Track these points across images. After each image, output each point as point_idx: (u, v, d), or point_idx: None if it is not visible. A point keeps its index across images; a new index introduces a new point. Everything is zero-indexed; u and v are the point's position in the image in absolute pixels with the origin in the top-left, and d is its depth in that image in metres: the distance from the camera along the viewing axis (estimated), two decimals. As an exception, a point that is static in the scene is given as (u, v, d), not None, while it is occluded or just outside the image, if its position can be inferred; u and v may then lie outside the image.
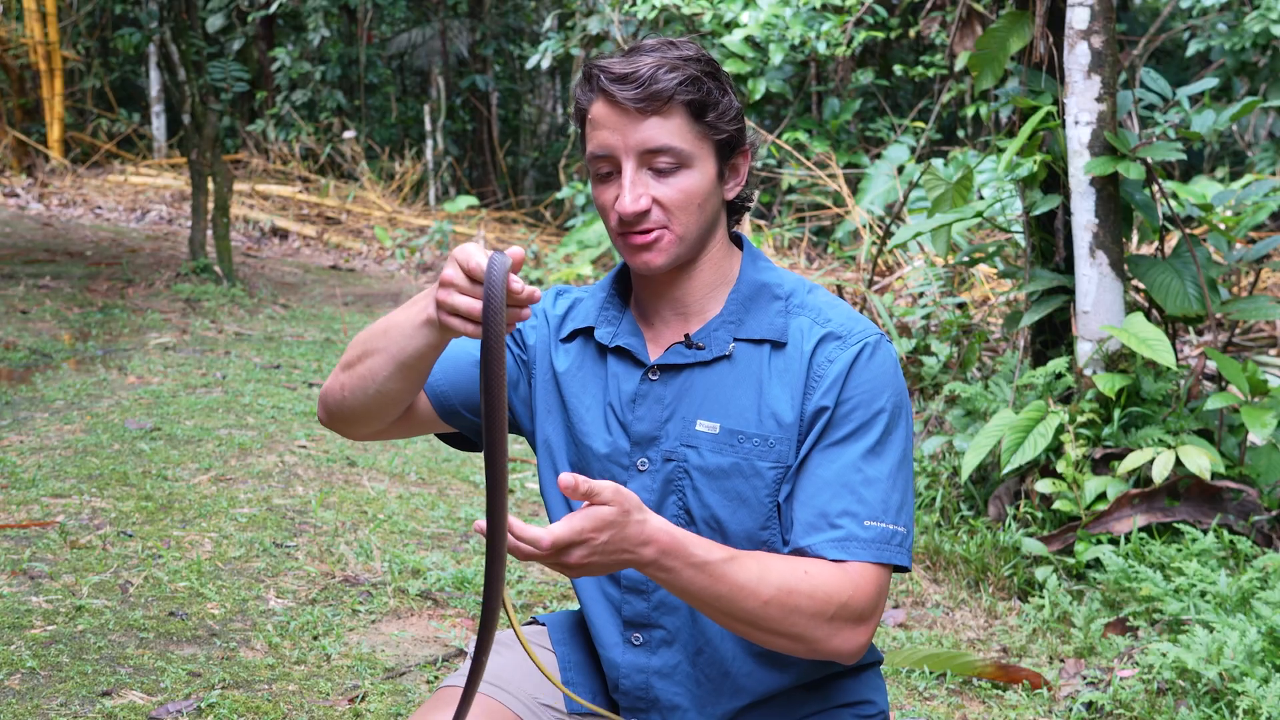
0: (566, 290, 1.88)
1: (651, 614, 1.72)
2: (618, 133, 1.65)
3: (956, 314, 5.77)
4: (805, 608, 1.56)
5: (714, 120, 1.67)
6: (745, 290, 1.75)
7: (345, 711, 2.91)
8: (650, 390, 1.73)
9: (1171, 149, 3.92)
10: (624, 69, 1.64)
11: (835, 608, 1.57)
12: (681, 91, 1.64)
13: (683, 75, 1.64)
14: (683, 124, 1.65)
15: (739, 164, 1.75)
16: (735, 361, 1.71)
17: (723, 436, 1.68)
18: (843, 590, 1.58)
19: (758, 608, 1.54)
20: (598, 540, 1.44)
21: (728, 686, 1.73)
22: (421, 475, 4.97)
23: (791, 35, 9.91)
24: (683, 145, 1.65)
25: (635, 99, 1.63)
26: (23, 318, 7.78)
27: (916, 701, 3.17)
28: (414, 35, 17.00)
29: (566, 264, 10.54)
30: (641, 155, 1.65)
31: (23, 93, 15.14)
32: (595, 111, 1.67)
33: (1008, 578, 3.85)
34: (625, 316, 1.78)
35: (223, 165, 9.54)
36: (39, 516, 4.04)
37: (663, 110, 1.64)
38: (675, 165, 1.65)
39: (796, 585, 1.56)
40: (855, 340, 1.69)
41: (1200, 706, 2.88)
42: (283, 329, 8.22)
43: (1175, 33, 9.22)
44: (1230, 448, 3.98)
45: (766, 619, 1.55)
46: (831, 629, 1.58)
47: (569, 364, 1.79)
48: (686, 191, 1.66)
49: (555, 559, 1.44)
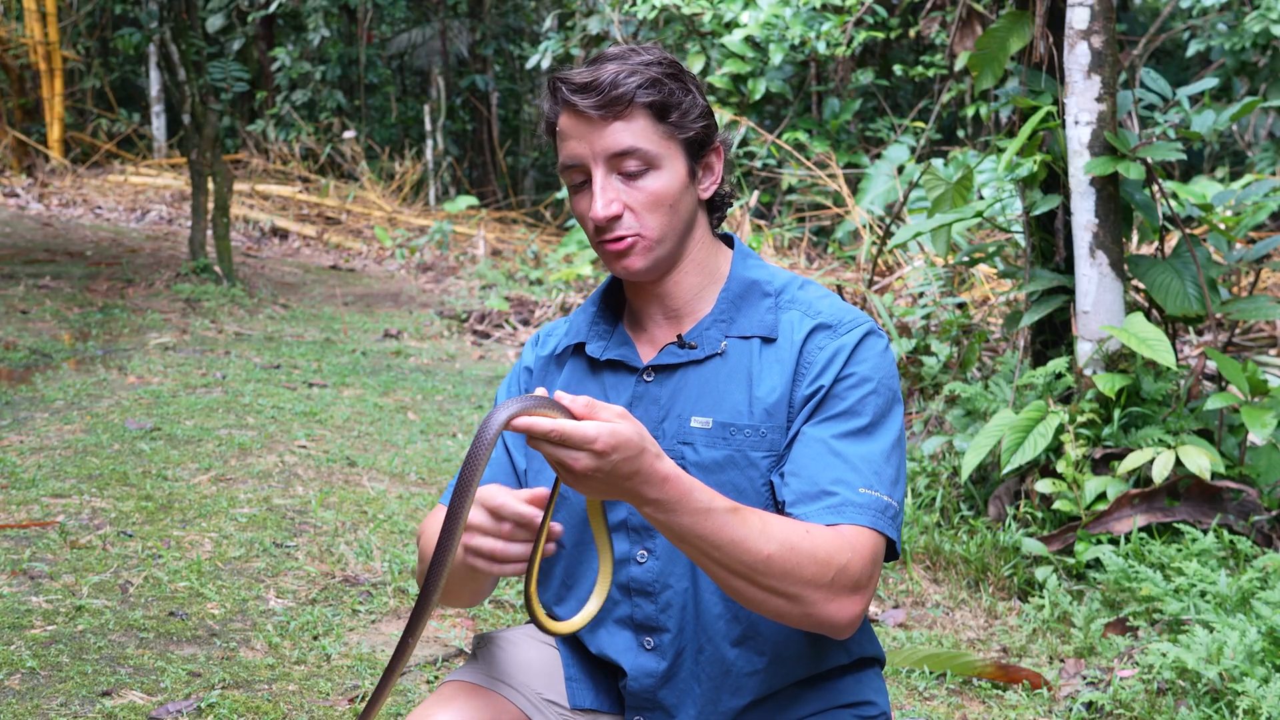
0: (551, 330, 1.91)
1: (660, 616, 1.72)
2: (584, 141, 1.68)
3: (956, 314, 5.77)
4: (806, 567, 1.54)
5: (678, 120, 1.69)
6: (735, 289, 1.77)
7: (345, 711, 2.91)
8: (646, 392, 1.75)
9: (1171, 149, 3.92)
10: (584, 79, 1.67)
11: (834, 571, 1.56)
12: (642, 94, 1.66)
13: (642, 78, 1.66)
14: (646, 125, 1.67)
15: (712, 162, 1.76)
16: (727, 357, 1.73)
17: (716, 431, 1.70)
18: (841, 553, 1.57)
19: (758, 563, 1.52)
20: (611, 456, 1.42)
21: (729, 685, 1.73)
22: (421, 475, 4.97)
23: (791, 35, 9.91)
24: (648, 146, 1.67)
25: (596, 105, 1.65)
26: (23, 318, 7.78)
27: (916, 701, 3.17)
28: (414, 35, 17.01)
29: (566, 264, 10.54)
30: (609, 160, 1.67)
31: (23, 93, 15.14)
32: (562, 123, 1.70)
33: (1008, 578, 3.85)
34: (617, 330, 1.81)
35: (223, 165, 9.54)
36: (39, 516, 4.04)
37: (624, 114, 1.66)
38: (643, 168, 1.68)
39: (798, 543, 1.55)
40: (846, 328, 1.71)
41: (1200, 706, 2.88)
42: (283, 329, 8.22)
43: (1175, 33, 9.22)
44: (1230, 448, 3.99)
45: (767, 575, 1.53)
46: (829, 593, 1.56)
47: (561, 382, 1.82)
48: (656, 194, 1.68)
49: (573, 454, 1.41)
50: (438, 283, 11.07)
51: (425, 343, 8.33)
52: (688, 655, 1.73)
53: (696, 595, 1.71)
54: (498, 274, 10.88)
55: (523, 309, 9.40)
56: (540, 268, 11.09)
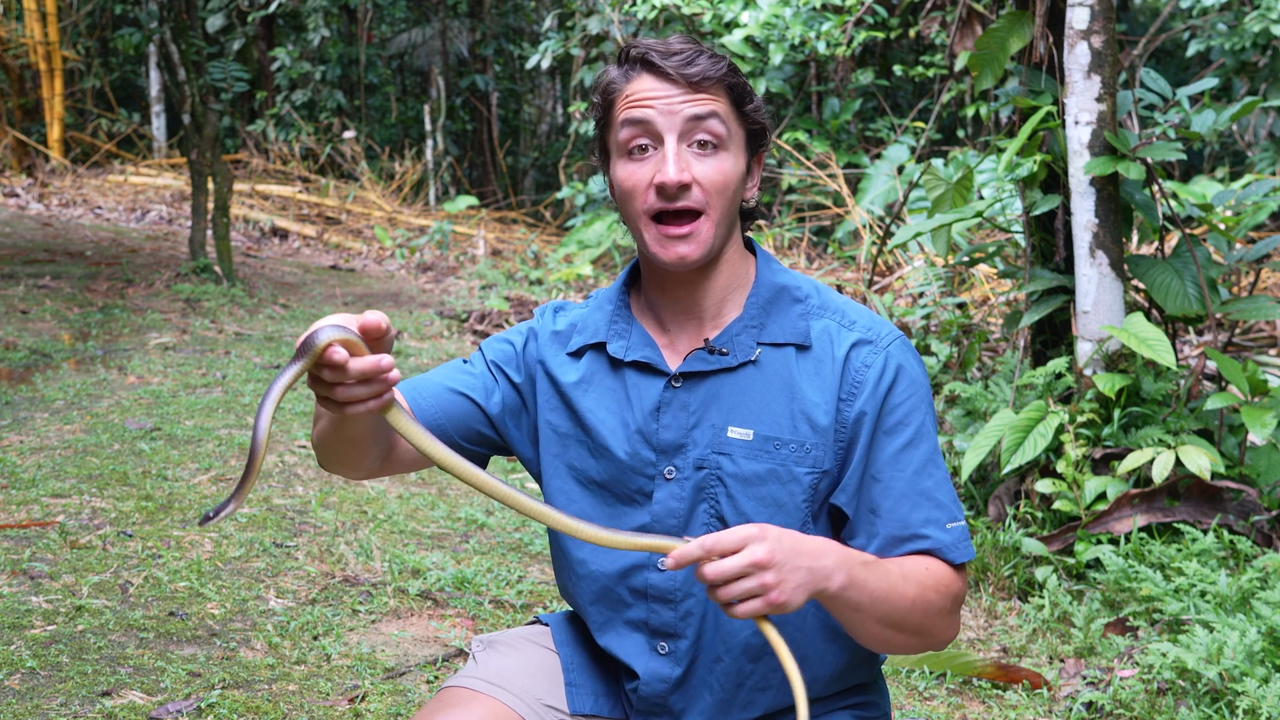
0: (564, 306, 1.86)
1: (678, 624, 1.71)
2: (665, 103, 1.65)
3: (956, 314, 5.77)
4: (936, 603, 1.62)
5: (750, 111, 1.70)
6: (764, 293, 1.74)
7: (345, 711, 2.91)
8: (674, 398, 1.71)
9: (1171, 149, 3.92)
10: (667, 46, 1.67)
11: (951, 600, 1.64)
12: (728, 76, 1.67)
13: (725, 64, 1.67)
14: (726, 106, 1.67)
15: (756, 167, 1.76)
16: (761, 366, 1.70)
17: (757, 443, 1.67)
18: (955, 582, 1.65)
19: (906, 606, 1.59)
20: (769, 533, 1.46)
21: (740, 699, 1.72)
22: (421, 475, 4.97)
23: (791, 35, 9.91)
24: (725, 125, 1.67)
25: (688, 74, 1.64)
26: (23, 318, 7.78)
27: (916, 701, 3.17)
28: (414, 35, 17.00)
29: (566, 264, 10.54)
30: (688, 124, 1.65)
31: (23, 93, 15.13)
32: (636, 87, 1.67)
33: (1008, 578, 3.85)
34: (634, 327, 1.76)
35: (223, 165, 9.54)
36: (39, 516, 4.03)
37: (710, 88, 1.66)
38: (716, 144, 1.66)
39: (925, 581, 1.62)
40: (885, 341, 1.71)
41: (1200, 706, 2.88)
42: (283, 329, 8.22)
43: (1175, 33, 9.21)
44: (1230, 448, 3.99)
45: (911, 616, 1.60)
46: (950, 621, 1.66)
47: (579, 377, 1.76)
48: (725, 174, 1.67)
49: (735, 552, 1.44)
50: (438, 283, 11.06)
51: (425, 343, 8.33)
52: (702, 663, 1.72)
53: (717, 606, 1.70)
54: (498, 274, 10.88)
55: (523, 309, 9.40)
56: (540, 268, 11.09)
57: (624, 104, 1.67)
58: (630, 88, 1.67)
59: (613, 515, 1.72)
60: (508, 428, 1.79)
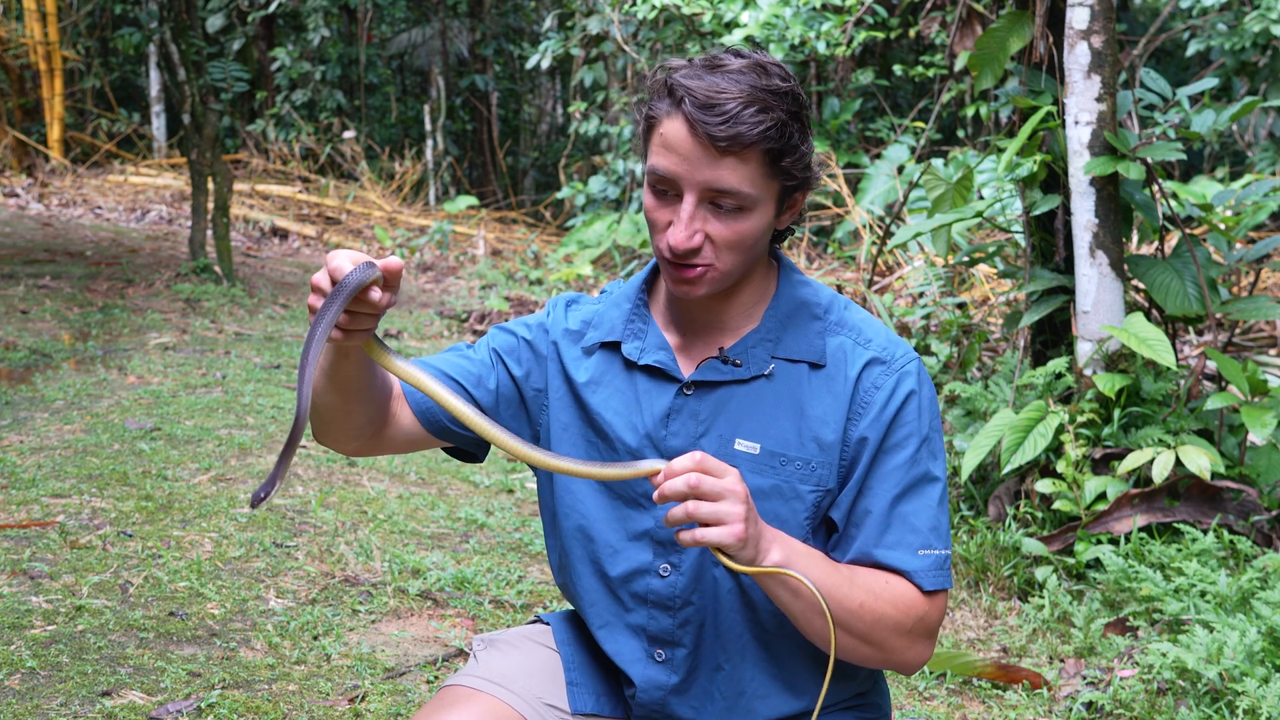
0: (577, 300, 1.84)
1: (676, 631, 1.71)
2: (688, 163, 1.57)
3: (956, 314, 5.77)
4: (890, 616, 1.61)
5: (789, 165, 1.61)
6: (784, 307, 1.72)
7: (345, 711, 2.91)
8: (685, 405, 1.70)
9: (1171, 149, 3.92)
10: (710, 95, 1.55)
11: (913, 620, 1.63)
12: (764, 140, 1.56)
13: (770, 121, 1.56)
14: (757, 170, 1.58)
15: (798, 200, 1.69)
16: (774, 380, 1.69)
17: (763, 458, 1.67)
18: (919, 604, 1.64)
19: (852, 609, 1.58)
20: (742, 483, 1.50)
21: (740, 707, 1.72)
22: (421, 475, 4.97)
23: (791, 35, 9.90)
24: (751, 190, 1.59)
25: (718, 137, 1.54)
26: (23, 318, 7.78)
27: (916, 701, 3.17)
28: (414, 35, 17.01)
29: (566, 264, 10.54)
30: (707, 191, 1.59)
31: (23, 93, 15.13)
32: (669, 130, 1.59)
33: (1008, 578, 3.85)
34: (650, 328, 1.75)
35: (223, 165, 9.54)
36: (39, 516, 4.03)
37: (742, 154, 1.56)
38: (737, 208, 1.60)
39: (880, 592, 1.61)
40: (900, 363, 1.69)
41: (1200, 706, 2.88)
42: (283, 329, 8.22)
43: (1175, 33, 9.21)
44: (1230, 448, 3.99)
45: (859, 622, 1.59)
46: (909, 640, 1.63)
47: (590, 376, 1.76)
48: (741, 234, 1.61)
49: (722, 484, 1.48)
50: (438, 283, 11.07)
51: (425, 343, 8.33)
52: (703, 671, 1.72)
53: (718, 614, 1.70)
54: (498, 274, 10.88)
55: (523, 309, 9.40)
56: (540, 268, 11.09)
57: (658, 140, 1.61)
58: (666, 126, 1.59)
59: (618, 517, 1.72)
60: (501, 417, 1.79)
